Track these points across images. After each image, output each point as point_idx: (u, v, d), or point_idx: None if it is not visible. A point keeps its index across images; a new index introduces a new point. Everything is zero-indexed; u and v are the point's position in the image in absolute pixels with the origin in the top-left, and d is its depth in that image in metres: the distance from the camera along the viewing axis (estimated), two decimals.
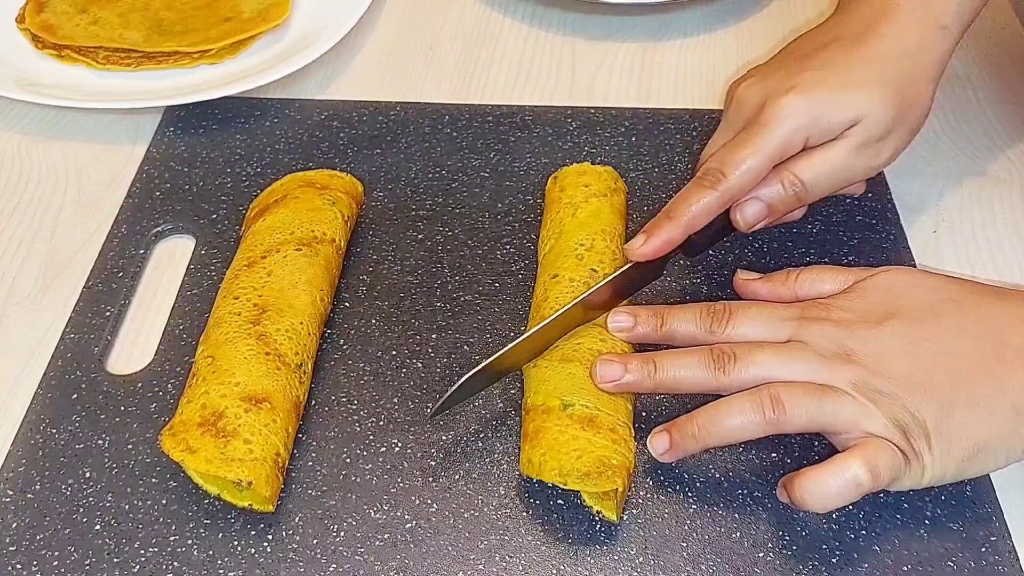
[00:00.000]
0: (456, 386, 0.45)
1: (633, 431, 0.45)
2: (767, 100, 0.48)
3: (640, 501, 0.45)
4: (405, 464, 0.47)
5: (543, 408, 0.45)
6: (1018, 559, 0.44)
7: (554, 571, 0.43)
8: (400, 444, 0.48)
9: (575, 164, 0.56)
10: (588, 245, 0.51)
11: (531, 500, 0.45)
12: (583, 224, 0.52)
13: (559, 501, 0.45)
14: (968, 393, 0.42)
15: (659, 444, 0.45)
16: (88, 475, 0.46)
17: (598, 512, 0.44)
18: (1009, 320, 0.43)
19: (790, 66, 0.50)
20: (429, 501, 0.46)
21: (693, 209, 0.48)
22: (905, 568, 0.43)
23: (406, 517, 0.45)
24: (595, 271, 0.50)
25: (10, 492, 0.46)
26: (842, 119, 0.48)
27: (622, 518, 0.45)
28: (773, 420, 0.42)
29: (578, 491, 0.45)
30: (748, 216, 0.49)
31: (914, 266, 0.56)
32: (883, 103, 0.48)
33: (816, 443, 0.47)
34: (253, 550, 0.44)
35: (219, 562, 0.43)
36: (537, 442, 0.44)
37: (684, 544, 0.44)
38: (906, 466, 0.41)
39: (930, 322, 0.44)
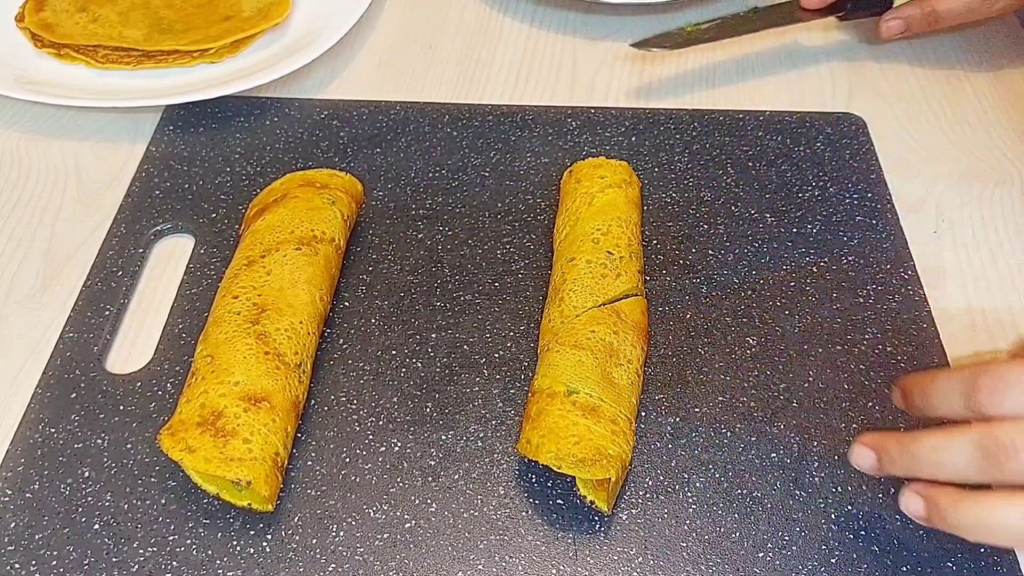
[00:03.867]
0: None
1: (634, 426, 0.46)
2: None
3: (640, 501, 0.45)
4: (405, 464, 0.47)
5: (548, 392, 0.45)
6: (1017, 560, 0.44)
7: (554, 571, 0.43)
8: (400, 444, 0.48)
9: (589, 159, 0.57)
10: (604, 230, 0.52)
11: (531, 500, 0.45)
12: (599, 211, 0.52)
13: (559, 501, 0.45)
14: None
15: (913, 506, 0.40)
16: (87, 474, 0.46)
17: (591, 502, 0.44)
18: None
19: None
20: (429, 501, 0.45)
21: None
22: (904, 568, 0.43)
23: (406, 517, 0.45)
24: (611, 253, 0.50)
25: (9, 491, 0.46)
26: None
27: (614, 511, 0.45)
28: None
29: (573, 480, 0.45)
30: (891, 28, 0.67)
31: (912, 266, 0.56)
32: None
33: (815, 443, 0.47)
34: (252, 550, 0.44)
35: (218, 562, 0.43)
36: (538, 424, 0.44)
37: (684, 544, 0.44)
38: None
39: None
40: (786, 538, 0.44)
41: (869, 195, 0.60)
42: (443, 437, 0.48)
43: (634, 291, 0.50)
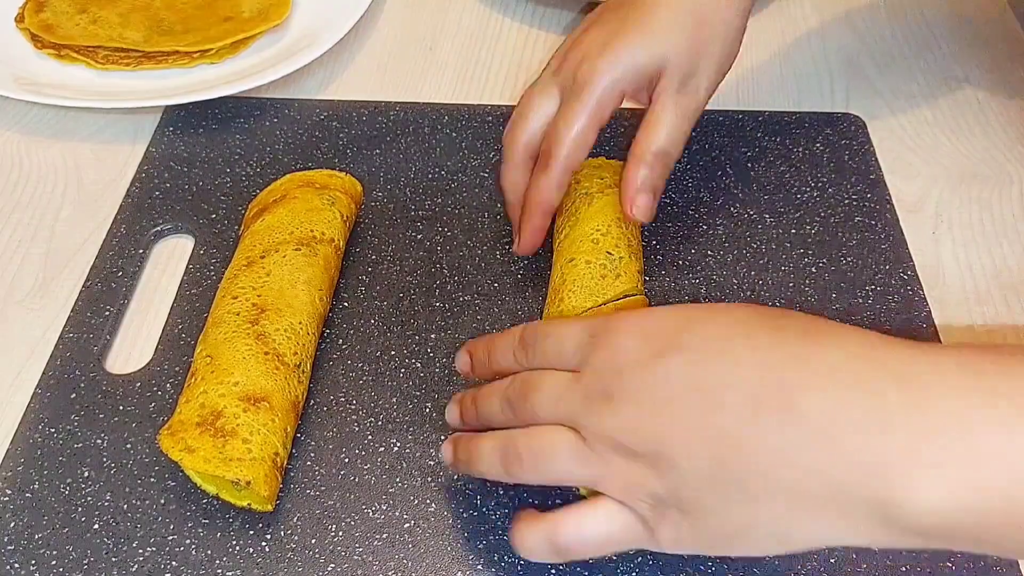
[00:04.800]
0: None
1: None
2: (578, 65, 0.50)
3: None
4: (404, 464, 0.47)
5: None
6: (1018, 564, 0.44)
7: (553, 571, 0.43)
8: (399, 444, 0.48)
9: (589, 159, 0.56)
10: (604, 231, 0.51)
11: (530, 500, 0.45)
12: (599, 212, 0.52)
13: (558, 501, 0.45)
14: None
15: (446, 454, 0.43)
16: (87, 474, 0.46)
17: None
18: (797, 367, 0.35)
19: (596, 26, 0.51)
20: (428, 501, 0.46)
21: (543, 193, 0.50)
22: (904, 569, 0.43)
23: (404, 517, 0.45)
24: (611, 254, 0.50)
25: (8, 491, 0.46)
26: (645, 63, 0.49)
27: None
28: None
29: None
30: (643, 209, 0.50)
31: (912, 266, 0.56)
32: (677, 40, 0.49)
33: None
34: (252, 549, 0.44)
35: (217, 561, 0.43)
36: None
37: None
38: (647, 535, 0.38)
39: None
40: None
41: (868, 195, 0.60)
42: (442, 437, 0.48)
43: (634, 291, 0.50)
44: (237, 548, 0.44)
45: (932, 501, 0.31)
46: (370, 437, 0.48)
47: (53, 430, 0.48)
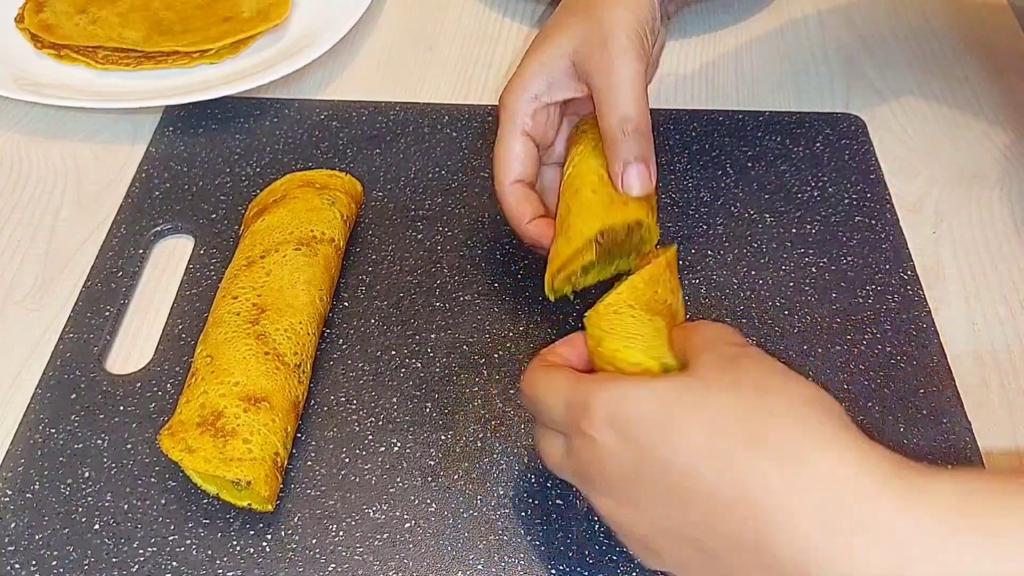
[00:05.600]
0: None
1: None
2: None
3: None
4: (404, 464, 0.47)
5: (640, 368, 0.40)
6: None
7: (553, 571, 0.43)
8: (399, 444, 0.48)
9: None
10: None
11: (531, 500, 0.45)
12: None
13: (558, 501, 0.45)
14: None
15: None
16: (87, 475, 0.46)
17: None
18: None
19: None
20: (428, 501, 0.46)
21: (504, 206, 0.51)
22: None
23: (405, 517, 0.45)
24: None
25: (9, 492, 0.46)
26: (547, 63, 0.51)
27: None
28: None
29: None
30: (632, 181, 0.48)
31: (912, 266, 0.56)
32: (576, 29, 0.50)
33: None
34: (252, 550, 0.44)
35: (218, 562, 0.43)
36: None
37: None
38: None
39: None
40: None
41: (868, 195, 0.60)
42: (442, 437, 0.48)
43: (645, 220, 0.48)
44: (237, 548, 0.44)
45: None
46: (370, 437, 0.48)
47: (53, 430, 0.48)
